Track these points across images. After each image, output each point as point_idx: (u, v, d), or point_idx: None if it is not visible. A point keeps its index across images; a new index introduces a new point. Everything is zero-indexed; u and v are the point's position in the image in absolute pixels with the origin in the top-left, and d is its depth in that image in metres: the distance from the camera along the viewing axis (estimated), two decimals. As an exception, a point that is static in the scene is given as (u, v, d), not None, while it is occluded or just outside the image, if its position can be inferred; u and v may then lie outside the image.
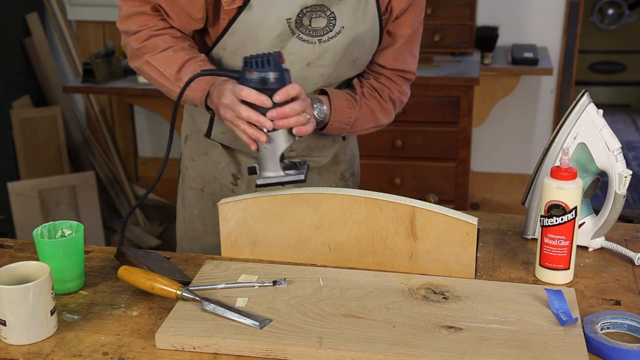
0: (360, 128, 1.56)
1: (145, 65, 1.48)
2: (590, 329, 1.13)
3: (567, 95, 3.61)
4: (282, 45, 1.43)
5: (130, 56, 1.52)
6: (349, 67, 1.51)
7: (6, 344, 1.15)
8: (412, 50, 1.58)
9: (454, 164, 3.20)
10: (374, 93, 1.56)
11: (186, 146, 1.69)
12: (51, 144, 3.63)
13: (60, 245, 1.26)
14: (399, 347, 1.09)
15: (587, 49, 5.22)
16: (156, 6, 1.47)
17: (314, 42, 1.44)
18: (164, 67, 1.46)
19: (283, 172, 1.35)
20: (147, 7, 1.47)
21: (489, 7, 3.54)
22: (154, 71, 1.48)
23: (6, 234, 3.44)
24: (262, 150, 1.35)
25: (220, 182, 1.63)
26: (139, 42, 1.48)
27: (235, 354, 1.11)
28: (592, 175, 1.41)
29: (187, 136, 1.69)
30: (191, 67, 1.44)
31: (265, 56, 1.30)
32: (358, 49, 1.49)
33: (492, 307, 1.19)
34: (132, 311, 1.23)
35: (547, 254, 1.30)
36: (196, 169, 1.66)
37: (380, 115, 1.57)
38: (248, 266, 1.33)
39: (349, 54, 1.48)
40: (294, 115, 1.31)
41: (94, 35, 3.78)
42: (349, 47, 1.46)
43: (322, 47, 1.44)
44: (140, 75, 1.65)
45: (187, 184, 1.69)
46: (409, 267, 1.34)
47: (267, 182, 1.36)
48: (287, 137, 1.34)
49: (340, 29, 1.44)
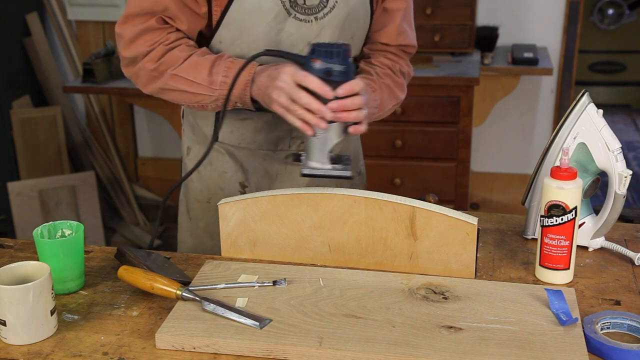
0: (385, 110, 1.54)
1: (172, 80, 1.42)
2: (590, 329, 1.13)
3: (567, 95, 3.61)
4: (280, 28, 1.42)
5: (146, 81, 1.46)
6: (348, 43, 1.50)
7: (6, 344, 1.15)
8: (410, 23, 1.59)
9: (454, 164, 3.20)
10: (386, 70, 1.55)
11: (189, 158, 1.65)
12: (51, 144, 3.63)
13: (60, 245, 1.26)
14: (399, 347, 1.09)
15: (587, 49, 5.22)
16: (162, 17, 1.42)
17: (310, 20, 1.43)
18: (194, 74, 1.41)
19: (330, 165, 1.35)
20: (152, 21, 1.42)
21: (489, 7, 3.54)
22: (182, 83, 1.42)
23: (6, 234, 3.44)
24: (312, 139, 1.34)
25: (228, 192, 1.59)
26: (154, 62, 1.42)
27: (235, 354, 1.11)
28: (592, 175, 1.41)
29: (189, 147, 1.65)
30: (221, 65, 1.40)
31: (334, 46, 1.29)
32: (354, 24, 1.48)
33: (492, 307, 1.19)
34: (132, 311, 1.23)
35: (547, 254, 1.30)
36: (202, 181, 1.62)
37: (397, 92, 1.57)
38: (248, 266, 1.33)
39: (346, 30, 1.47)
40: (354, 110, 1.31)
41: (94, 35, 3.78)
42: (344, 23, 1.46)
43: (320, 25, 1.44)
44: (158, 96, 1.50)
45: (192, 196, 1.65)
46: (409, 267, 1.34)
47: (313, 173, 1.35)
48: (340, 132, 1.34)
49: (334, 3, 1.43)
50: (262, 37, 1.43)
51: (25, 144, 3.54)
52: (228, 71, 1.40)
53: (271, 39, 1.43)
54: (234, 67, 1.39)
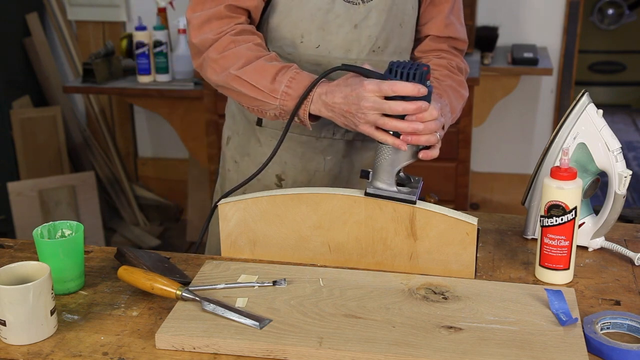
0: (457, 112, 1.52)
1: (234, 81, 1.40)
2: (590, 329, 1.13)
3: (567, 95, 3.61)
4: (328, 9, 1.43)
5: (211, 73, 1.44)
6: (397, 30, 1.50)
7: (6, 344, 1.15)
8: (459, 17, 1.58)
9: (454, 164, 3.20)
10: (444, 71, 1.54)
11: (228, 148, 1.65)
12: (51, 144, 3.63)
13: (60, 245, 1.26)
14: (399, 347, 1.09)
15: (587, 49, 5.22)
16: (231, 5, 1.41)
17: (358, 2, 1.44)
18: (257, 79, 1.38)
19: (396, 187, 1.32)
20: (221, 7, 1.41)
21: (489, 7, 3.54)
22: (244, 86, 1.39)
23: (6, 234, 3.44)
24: (381, 159, 1.32)
25: (264, 184, 1.59)
26: (218, 52, 1.40)
27: (235, 354, 1.11)
28: (592, 175, 1.41)
29: (229, 137, 1.65)
30: (286, 75, 1.37)
31: (413, 67, 1.26)
32: (402, 9, 1.48)
33: (492, 307, 1.19)
34: (132, 311, 1.23)
35: (547, 254, 1.30)
36: (239, 171, 1.63)
37: (461, 90, 1.55)
38: (248, 266, 1.33)
39: (394, 15, 1.48)
40: (427, 134, 1.28)
41: (94, 35, 3.78)
42: (392, 7, 1.46)
43: (367, 7, 1.44)
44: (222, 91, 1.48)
45: (228, 186, 1.64)
46: (409, 267, 1.34)
47: (378, 194, 1.32)
48: (410, 155, 1.32)
49: None
50: (309, 17, 1.43)
51: (25, 144, 3.54)
52: (292, 82, 1.36)
53: (318, 19, 1.44)
54: (299, 79, 1.37)
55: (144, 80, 3.27)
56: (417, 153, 1.33)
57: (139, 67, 3.25)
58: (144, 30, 3.23)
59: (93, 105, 3.81)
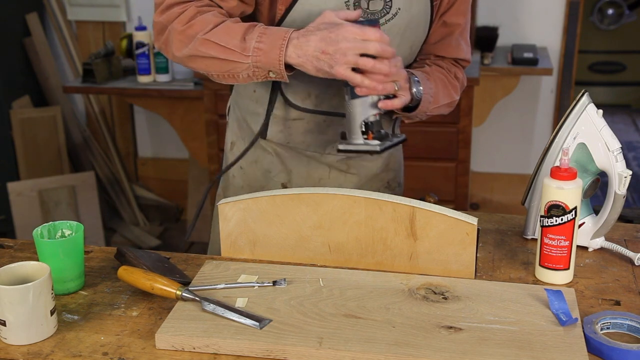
0: (439, 103, 1.52)
1: (202, 45, 1.34)
2: (590, 329, 1.13)
3: (567, 95, 3.61)
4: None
5: (176, 46, 1.38)
6: (407, 53, 1.50)
7: (6, 344, 1.15)
8: (466, 39, 1.60)
9: (454, 164, 3.20)
10: (440, 69, 1.55)
11: (232, 153, 1.63)
12: (51, 144, 3.63)
13: (60, 245, 1.26)
14: (399, 347, 1.09)
15: (587, 49, 5.22)
16: None
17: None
18: (226, 39, 1.33)
19: (362, 140, 1.36)
20: None
21: (489, 7, 3.54)
22: (213, 48, 1.34)
23: (6, 234, 3.44)
24: (348, 115, 1.36)
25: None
26: (184, 23, 1.35)
27: (235, 354, 1.11)
28: (592, 176, 1.41)
29: (233, 142, 1.63)
30: (255, 32, 1.33)
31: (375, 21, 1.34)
32: (414, 33, 1.48)
33: (492, 307, 1.19)
34: (132, 311, 1.23)
35: (547, 254, 1.30)
36: (244, 178, 1.61)
37: (451, 90, 1.56)
38: (248, 266, 1.33)
39: (407, 38, 1.47)
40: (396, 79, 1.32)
41: (94, 35, 3.78)
42: (406, 30, 1.46)
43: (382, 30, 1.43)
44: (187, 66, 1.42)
45: (232, 192, 1.62)
46: (409, 267, 1.34)
47: (346, 149, 1.38)
48: (370, 105, 1.35)
49: (397, 10, 1.43)
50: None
51: (25, 144, 3.55)
52: (262, 37, 1.32)
53: None
54: (269, 33, 1.33)
55: (144, 80, 3.27)
56: (377, 103, 1.36)
57: (139, 67, 3.25)
58: (144, 30, 3.23)
59: (93, 105, 3.81)
